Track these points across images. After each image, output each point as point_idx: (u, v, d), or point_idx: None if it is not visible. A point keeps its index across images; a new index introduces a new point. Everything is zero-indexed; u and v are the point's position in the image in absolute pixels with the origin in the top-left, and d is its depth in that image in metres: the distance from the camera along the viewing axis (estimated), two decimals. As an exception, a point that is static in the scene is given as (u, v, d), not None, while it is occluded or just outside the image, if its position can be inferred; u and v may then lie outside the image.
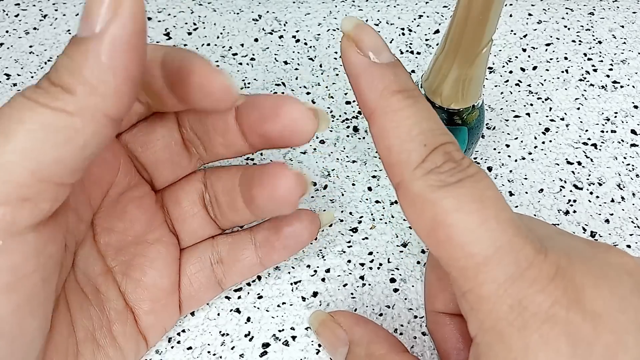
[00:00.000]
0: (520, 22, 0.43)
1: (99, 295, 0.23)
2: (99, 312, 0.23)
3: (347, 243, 0.30)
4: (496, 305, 0.16)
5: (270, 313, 0.27)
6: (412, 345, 0.27)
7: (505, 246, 0.16)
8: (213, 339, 0.27)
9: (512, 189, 0.33)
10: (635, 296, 0.16)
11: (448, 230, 0.16)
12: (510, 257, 0.16)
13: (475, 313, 0.17)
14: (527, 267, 0.16)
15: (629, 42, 0.42)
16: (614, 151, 0.35)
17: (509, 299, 0.16)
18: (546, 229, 0.19)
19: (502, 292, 0.16)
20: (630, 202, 0.32)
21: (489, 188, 0.17)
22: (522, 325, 0.16)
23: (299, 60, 0.39)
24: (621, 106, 0.37)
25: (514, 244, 0.16)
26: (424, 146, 0.17)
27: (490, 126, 0.36)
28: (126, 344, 0.23)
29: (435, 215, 0.16)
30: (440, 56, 0.26)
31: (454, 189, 0.17)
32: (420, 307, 0.28)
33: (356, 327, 0.24)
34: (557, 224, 0.31)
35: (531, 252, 0.16)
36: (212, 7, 0.43)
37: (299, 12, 0.43)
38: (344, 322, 0.24)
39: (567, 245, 0.18)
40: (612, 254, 0.18)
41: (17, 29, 0.40)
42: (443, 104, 0.27)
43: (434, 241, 0.17)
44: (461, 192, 0.17)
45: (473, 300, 0.17)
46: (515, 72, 0.39)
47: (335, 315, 0.25)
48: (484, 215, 0.16)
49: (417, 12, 0.43)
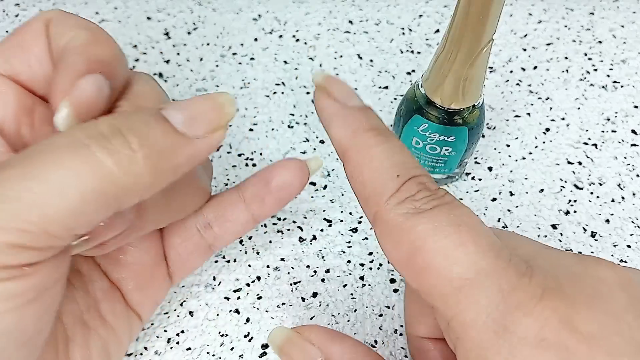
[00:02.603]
0: (521, 22, 0.43)
1: (82, 276, 0.22)
2: (83, 293, 0.22)
3: (347, 243, 0.30)
4: (481, 332, 0.15)
5: (270, 314, 0.27)
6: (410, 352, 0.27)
7: (486, 269, 0.15)
8: (212, 340, 0.27)
9: (513, 189, 0.33)
10: (630, 313, 0.15)
11: (425, 256, 0.16)
12: (491, 280, 0.15)
13: (462, 342, 0.16)
14: (510, 291, 0.15)
15: (629, 42, 0.42)
16: (614, 151, 0.35)
17: (493, 325, 0.15)
18: (532, 247, 0.19)
19: (485, 317, 0.15)
20: (631, 202, 0.32)
21: (465, 214, 0.17)
22: (510, 352, 0.15)
23: (299, 60, 0.39)
24: (621, 106, 0.37)
25: (495, 267, 0.16)
26: (397, 177, 0.17)
27: (490, 126, 0.36)
28: (117, 322, 0.23)
29: (412, 242, 0.16)
30: (441, 56, 0.25)
31: (429, 214, 0.16)
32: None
33: (332, 344, 0.21)
34: (557, 224, 0.31)
35: (514, 275, 0.16)
36: (212, 7, 0.43)
37: (299, 12, 0.43)
38: (315, 338, 0.21)
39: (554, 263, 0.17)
40: (602, 268, 0.17)
41: (16, 29, 0.40)
42: (443, 104, 0.27)
43: (413, 270, 0.17)
44: (437, 218, 0.16)
45: (458, 328, 0.16)
46: (515, 71, 0.39)
47: (302, 331, 0.21)
48: (461, 239, 0.16)
49: (417, 11, 0.43)
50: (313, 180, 0.33)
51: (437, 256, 0.16)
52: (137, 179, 0.16)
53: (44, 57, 0.20)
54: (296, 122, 0.36)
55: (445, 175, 0.32)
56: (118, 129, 0.16)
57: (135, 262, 0.23)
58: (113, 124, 0.16)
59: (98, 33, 0.20)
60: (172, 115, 0.17)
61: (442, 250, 0.16)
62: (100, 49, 0.19)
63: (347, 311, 0.28)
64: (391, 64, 0.39)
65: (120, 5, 0.42)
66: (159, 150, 0.16)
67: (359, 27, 0.42)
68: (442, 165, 0.30)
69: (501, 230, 0.19)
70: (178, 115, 0.17)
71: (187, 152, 0.17)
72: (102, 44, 0.20)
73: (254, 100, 0.37)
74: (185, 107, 0.17)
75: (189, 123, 0.17)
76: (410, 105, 0.29)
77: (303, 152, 0.34)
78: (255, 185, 0.25)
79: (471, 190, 0.33)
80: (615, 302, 0.16)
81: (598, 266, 0.17)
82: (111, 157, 0.15)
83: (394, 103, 0.37)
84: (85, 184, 0.15)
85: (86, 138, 0.16)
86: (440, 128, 0.28)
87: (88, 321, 0.22)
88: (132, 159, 0.16)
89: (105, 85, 0.18)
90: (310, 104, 0.37)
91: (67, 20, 0.20)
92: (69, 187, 0.15)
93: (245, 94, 0.37)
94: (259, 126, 0.35)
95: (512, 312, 0.15)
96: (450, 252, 0.16)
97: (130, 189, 0.16)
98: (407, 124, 0.29)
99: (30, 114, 0.21)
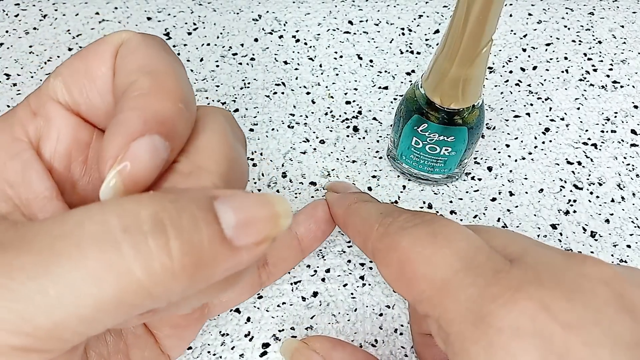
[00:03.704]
0: (520, 22, 0.43)
1: None
2: (115, 337, 0.21)
3: (347, 243, 0.30)
4: (461, 326, 0.16)
5: (270, 313, 0.27)
6: (412, 345, 0.27)
7: (464, 269, 0.17)
8: (213, 339, 0.27)
9: (512, 189, 0.33)
10: (611, 308, 0.15)
11: (411, 267, 0.18)
12: (469, 277, 0.16)
13: (449, 338, 0.16)
14: (487, 285, 0.16)
15: (629, 42, 0.42)
16: (614, 151, 0.35)
17: (471, 317, 0.16)
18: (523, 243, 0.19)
19: (464, 311, 0.16)
20: (630, 202, 0.32)
21: (443, 225, 0.18)
22: (488, 342, 0.15)
23: (299, 60, 0.39)
24: (621, 106, 0.37)
25: (473, 265, 0.17)
26: (381, 214, 0.21)
27: (490, 126, 0.36)
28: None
29: (399, 257, 0.18)
30: (440, 56, 0.26)
31: (411, 231, 0.18)
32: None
33: (334, 352, 0.23)
34: (557, 224, 0.31)
35: (491, 270, 0.16)
36: (212, 7, 0.43)
37: (299, 12, 0.43)
38: (319, 347, 0.24)
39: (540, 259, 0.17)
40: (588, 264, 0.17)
41: (17, 29, 0.40)
42: (443, 104, 0.27)
43: (404, 283, 0.18)
44: (417, 232, 0.18)
45: (444, 326, 0.17)
46: (515, 72, 0.39)
47: (309, 342, 0.24)
48: (437, 246, 0.18)
49: (417, 12, 0.43)
50: (313, 180, 0.33)
51: (420, 265, 0.18)
52: (166, 290, 0.13)
53: (106, 90, 0.18)
54: (296, 122, 0.36)
55: (444, 175, 0.32)
56: (162, 223, 0.13)
57: None
58: (157, 215, 0.13)
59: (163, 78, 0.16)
60: (225, 214, 0.14)
61: (423, 259, 0.18)
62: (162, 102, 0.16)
63: (348, 311, 0.28)
64: (391, 64, 0.39)
65: (121, 5, 0.42)
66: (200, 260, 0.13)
67: (358, 27, 0.42)
68: (441, 165, 0.30)
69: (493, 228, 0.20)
70: (231, 216, 0.14)
71: (229, 263, 0.14)
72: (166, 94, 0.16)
73: (254, 100, 0.37)
74: (240, 207, 0.14)
75: (241, 230, 0.14)
76: (410, 105, 0.29)
77: (303, 152, 0.34)
78: (306, 220, 0.27)
79: (471, 190, 0.33)
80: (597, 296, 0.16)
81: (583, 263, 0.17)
82: (143, 263, 0.13)
83: (393, 103, 0.37)
84: (106, 292, 0.13)
85: (120, 232, 0.13)
86: (440, 128, 0.28)
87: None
88: (167, 269, 0.13)
89: (162, 148, 0.15)
90: (311, 104, 0.37)
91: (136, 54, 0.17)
92: (87, 295, 0.13)
93: (245, 94, 0.37)
94: (259, 126, 0.35)
95: (489, 304, 0.16)
96: (429, 259, 0.17)
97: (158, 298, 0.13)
98: (407, 124, 0.29)
99: (85, 149, 0.19)
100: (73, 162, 0.19)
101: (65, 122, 0.18)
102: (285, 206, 0.15)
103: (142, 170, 0.15)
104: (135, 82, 0.16)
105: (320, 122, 0.36)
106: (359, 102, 0.37)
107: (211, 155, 0.17)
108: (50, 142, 0.18)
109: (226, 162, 0.17)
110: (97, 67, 0.18)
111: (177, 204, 0.14)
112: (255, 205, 0.15)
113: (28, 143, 0.18)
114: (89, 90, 0.18)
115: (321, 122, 0.36)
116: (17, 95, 0.36)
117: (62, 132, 0.18)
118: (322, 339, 0.24)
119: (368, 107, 0.37)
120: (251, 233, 0.14)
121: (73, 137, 0.18)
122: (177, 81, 0.17)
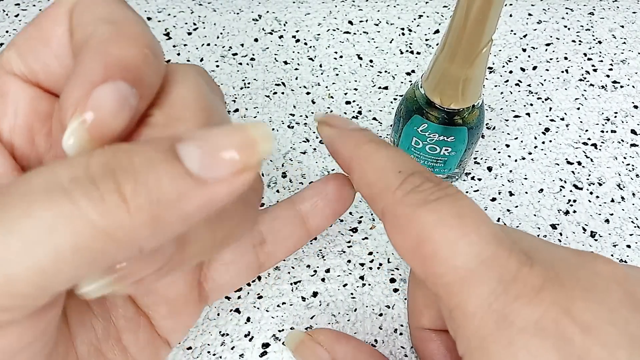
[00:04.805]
0: (520, 22, 0.43)
1: (103, 302, 0.20)
2: (103, 321, 0.20)
3: (347, 243, 0.30)
4: (482, 321, 0.16)
5: (270, 313, 0.27)
6: (412, 345, 0.27)
7: (488, 260, 0.16)
8: (213, 339, 0.27)
9: (512, 189, 0.33)
10: (625, 307, 0.16)
11: (431, 246, 0.16)
12: (493, 270, 0.16)
13: (463, 331, 0.16)
14: (511, 281, 0.16)
15: (629, 42, 0.42)
16: (614, 151, 0.35)
17: (494, 315, 0.15)
18: (531, 240, 0.19)
19: (486, 307, 0.15)
20: (630, 202, 0.32)
21: (468, 205, 0.17)
22: (509, 341, 0.15)
23: (299, 60, 0.39)
24: (621, 106, 0.37)
25: (497, 258, 0.16)
26: (400, 172, 0.18)
27: (490, 126, 0.36)
28: (141, 354, 0.21)
29: (418, 233, 0.17)
30: (440, 56, 0.26)
31: (434, 206, 0.17)
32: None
33: (338, 345, 0.23)
34: (557, 224, 0.31)
35: (515, 264, 0.16)
36: (212, 7, 0.43)
37: (299, 12, 0.43)
38: (324, 340, 0.24)
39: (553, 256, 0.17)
40: (600, 263, 0.17)
41: (17, 29, 0.40)
42: (443, 104, 0.27)
43: (419, 259, 0.17)
44: (441, 208, 0.17)
45: (459, 317, 0.16)
46: (515, 72, 0.39)
47: (314, 334, 0.24)
48: (464, 230, 0.16)
49: (417, 12, 0.43)
50: (313, 180, 0.33)
51: (443, 247, 0.16)
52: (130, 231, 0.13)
53: (64, 53, 0.17)
54: (296, 122, 0.36)
55: (444, 176, 0.32)
56: (112, 170, 0.13)
57: (169, 285, 0.21)
58: (107, 164, 0.13)
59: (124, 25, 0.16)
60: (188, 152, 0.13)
61: (447, 242, 0.16)
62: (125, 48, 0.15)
63: (347, 311, 0.28)
64: (391, 65, 0.39)
65: (121, 6, 0.42)
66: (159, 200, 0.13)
67: (358, 27, 0.42)
68: (441, 166, 0.30)
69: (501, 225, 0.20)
70: (195, 151, 0.13)
71: (200, 199, 0.13)
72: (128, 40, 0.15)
73: (254, 100, 0.37)
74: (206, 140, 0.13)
75: (208, 162, 0.13)
76: (409, 105, 0.29)
77: (303, 152, 0.34)
78: (313, 197, 0.23)
79: (471, 190, 0.33)
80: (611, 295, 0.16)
81: (595, 261, 0.17)
82: (95, 207, 0.12)
83: (393, 103, 0.37)
84: (60, 239, 0.12)
85: (69, 181, 0.12)
86: (439, 128, 0.28)
87: (107, 352, 0.20)
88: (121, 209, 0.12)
89: (130, 95, 0.14)
90: (311, 104, 0.37)
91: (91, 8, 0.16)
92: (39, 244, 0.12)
93: (245, 94, 0.37)
94: (259, 126, 0.35)
95: (512, 302, 0.15)
96: (454, 243, 0.16)
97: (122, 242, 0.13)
98: (406, 124, 0.29)
99: (48, 120, 0.18)
100: (36, 135, 0.18)
101: (23, 95, 0.17)
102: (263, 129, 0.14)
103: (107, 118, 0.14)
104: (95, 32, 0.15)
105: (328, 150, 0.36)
106: (359, 102, 0.37)
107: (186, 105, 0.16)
108: (7, 118, 0.17)
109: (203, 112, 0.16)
110: (51, 29, 0.17)
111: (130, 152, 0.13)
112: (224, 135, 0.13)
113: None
114: (45, 56, 0.17)
115: (321, 122, 0.36)
116: (17, 95, 0.36)
117: (20, 105, 0.17)
118: (327, 332, 0.24)
119: (368, 107, 0.37)
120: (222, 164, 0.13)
121: (32, 109, 0.17)
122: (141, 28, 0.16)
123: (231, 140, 0.13)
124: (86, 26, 0.16)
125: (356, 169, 0.20)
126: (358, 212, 0.31)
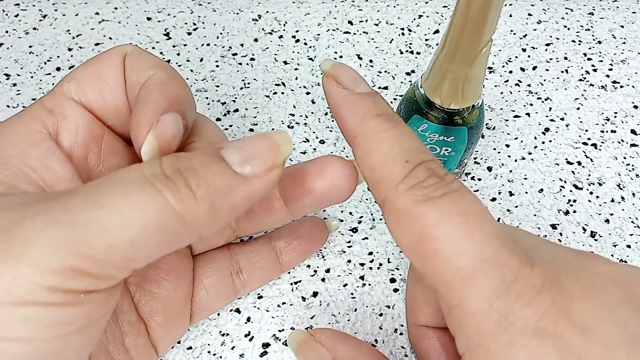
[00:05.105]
0: (520, 22, 0.43)
1: None
2: (112, 324, 0.22)
3: (347, 243, 0.30)
4: (482, 321, 0.16)
5: (271, 313, 0.27)
6: (412, 345, 0.27)
7: (491, 259, 0.16)
8: (213, 339, 0.27)
9: (512, 189, 0.33)
10: (624, 307, 0.16)
11: (433, 243, 0.16)
12: (495, 270, 0.16)
13: (463, 330, 0.16)
14: (512, 281, 0.16)
15: (628, 42, 0.42)
16: (614, 151, 0.35)
17: (495, 314, 0.15)
18: (532, 240, 0.19)
19: (487, 307, 0.16)
20: (630, 202, 0.32)
21: (472, 202, 0.17)
22: (509, 341, 0.15)
23: (299, 60, 0.39)
24: (621, 106, 0.37)
25: (500, 257, 0.16)
26: (406, 162, 0.18)
27: (490, 126, 0.36)
28: (138, 357, 0.23)
29: (421, 229, 0.17)
30: (440, 56, 0.26)
31: (438, 202, 0.17)
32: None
33: (339, 345, 0.24)
34: (557, 224, 0.31)
35: (517, 264, 0.16)
36: (212, 7, 0.43)
37: (299, 12, 0.43)
38: (325, 340, 0.24)
39: (554, 256, 0.17)
40: (599, 263, 0.17)
41: (17, 29, 0.40)
42: (443, 104, 0.27)
43: (420, 256, 0.17)
44: (445, 205, 0.17)
45: (460, 316, 0.16)
46: (515, 72, 0.39)
47: (315, 334, 0.25)
48: (469, 228, 0.16)
49: (417, 12, 0.43)
50: (313, 180, 0.33)
51: (445, 245, 0.16)
52: (196, 216, 0.16)
53: (118, 90, 0.22)
54: (296, 122, 0.36)
55: (445, 175, 0.32)
56: (179, 170, 0.16)
57: (168, 297, 0.24)
58: (174, 164, 0.17)
59: (175, 73, 0.22)
60: (230, 155, 0.17)
61: (450, 240, 0.16)
62: (178, 89, 0.21)
63: (348, 310, 0.28)
64: (391, 65, 0.39)
65: (121, 6, 0.42)
66: (216, 190, 0.17)
67: (358, 27, 0.42)
68: (441, 165, 0.30)
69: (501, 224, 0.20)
70: (235, 155, 0.17)
71: (244, 191, 0.17)
72: (179, 84, 0.21)
73: (254, 100, 0.37)
74: (242, 147, 0.18)
75: (246, 163, 0.17)
76: (409, 105, 0.29)
77: (303, 152, 0.34)
78: (287, 235, 0.27)
79: (471, 190, 0.33)
80: (610, 295, 0.16)
81: (595, 261, 0.17)
82: (173, 195, 0.16)
83: (393, 103, 0.37)
84: (149, 217, 0.16)
85: (151, 175, 0.16)
86: (439, 128, 0.28)
87: (112, 352, 0.22)
88: (191, 197, 0.16)
89: (181, 124, 0.20)
90: (311, 104, 0.37)
91: (144, 58, 0.22)
92: (135, 220, 0.15)
93: (245, 94, 0.37)
94: (259, 126, 0.35)
95: (513, 302, 0.15)
96: (458, 242, 0.16)
97: (189, 226, 0.16)
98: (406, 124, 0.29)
99: (99, 142, 0.22)
100: (89, 152, 0.22)
101: (82, 117, 0.21)
102: (283, 135, 0.18)
103: (170, 136, 0.19)
104: (155, 74, 0.21)
105: (320, 122, 0.36)
106: (358, 102, 0.37)
107: (216, 135, 0.23)
108: (69, 134, 0.21)
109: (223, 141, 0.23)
110: (109, 71, 0.22)
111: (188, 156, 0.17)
112: (255, 142, 0.18)
113: (47, 135, 0.20)
114: (103, 90, 0.22)
115: (321, 122, 0.36)
116: (17, 95, 0.36)
117: (80, 125, 0.21)
118: (328, 332, 0.25)
119: (368, 107, 0.37)
120: (257, 163, 0.17)
121: (89, 130, 0.21)
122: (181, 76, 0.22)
123: (261, 144, 0.18)
124: (142, 70, 0.21)
125: (360, 148, 0.19)
126: (358, 212, 0.31)
